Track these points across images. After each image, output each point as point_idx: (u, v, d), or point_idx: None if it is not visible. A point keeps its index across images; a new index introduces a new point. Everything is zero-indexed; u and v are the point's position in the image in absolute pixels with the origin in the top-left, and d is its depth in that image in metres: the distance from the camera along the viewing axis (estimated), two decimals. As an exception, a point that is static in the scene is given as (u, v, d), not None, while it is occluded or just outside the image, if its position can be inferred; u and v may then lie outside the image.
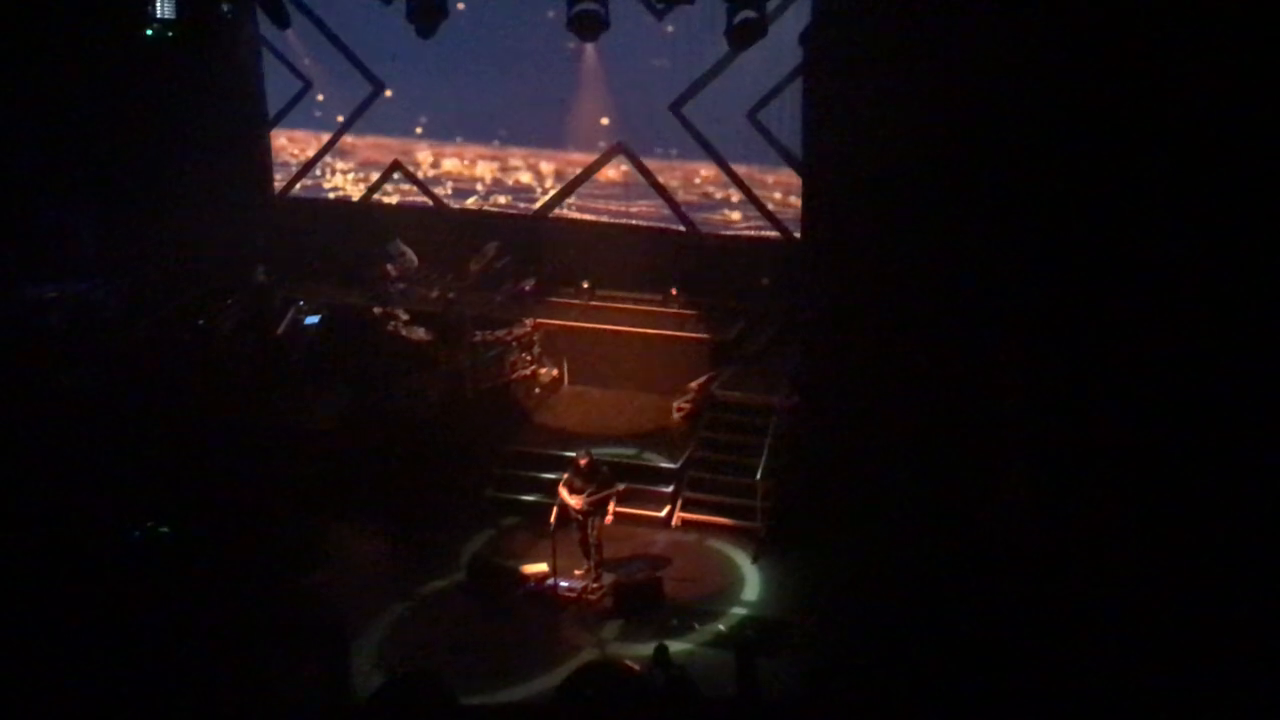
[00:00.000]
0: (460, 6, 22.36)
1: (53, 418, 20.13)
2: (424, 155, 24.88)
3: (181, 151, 23.55)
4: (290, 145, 25.54)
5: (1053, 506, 16.73)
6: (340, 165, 25.34)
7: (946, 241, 17.98)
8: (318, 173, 25.48)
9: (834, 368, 19.26)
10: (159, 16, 21.19)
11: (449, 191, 24.83)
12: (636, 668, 14.67)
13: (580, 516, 17.64)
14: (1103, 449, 16.42)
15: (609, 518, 17.73)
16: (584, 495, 17.51)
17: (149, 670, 14.96)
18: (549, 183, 24.31)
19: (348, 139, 25.10)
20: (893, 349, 18.38)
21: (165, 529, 18.07)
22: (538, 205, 24.37)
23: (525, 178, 24.46)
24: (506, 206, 24.58)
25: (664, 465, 20.08)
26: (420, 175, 24.88)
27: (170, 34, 21.47)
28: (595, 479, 17.62)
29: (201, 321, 22.47)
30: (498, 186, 24.59)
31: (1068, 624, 15.25)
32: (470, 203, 24.76)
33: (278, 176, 25.66)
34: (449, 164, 24.78)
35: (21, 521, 17.88)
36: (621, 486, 17.80)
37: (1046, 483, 16.95)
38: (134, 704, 14.13)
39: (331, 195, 25.50)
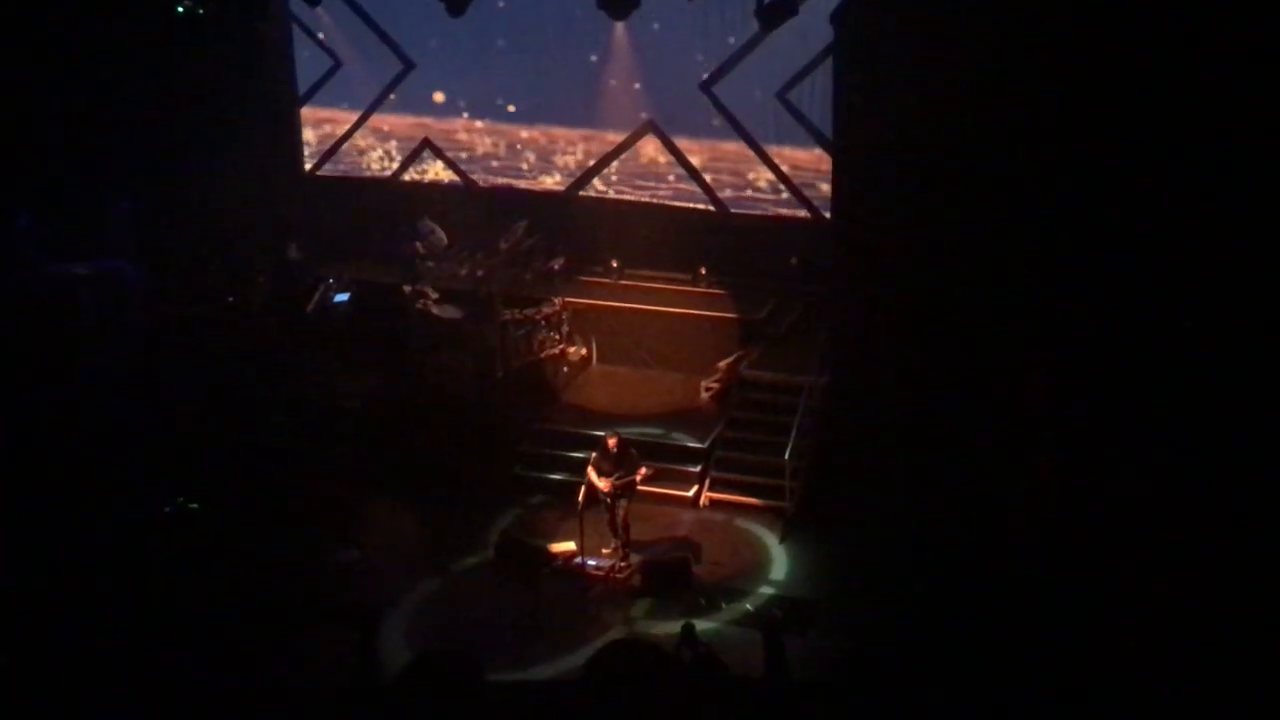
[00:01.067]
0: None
1: (83, 395, 20.23)
2: (456, 134, 24.83)
3: (212, 128, 23.58)
4: (328, 123, 25.53)
5: (1078, 487, 16.71)
6: (378, 142, 25.36)
7: (976, 223, 17.94)
8: (359, 150, 25.48)
9: (863, 348, 19.24)
10: (191, -6, 21.33)
11: (481, 169, 24.79)
12: (662, 644, 14.70)
13: (608, 498, 17.63)
14: (1128, 433, 16.39)
15: (641, 474, 17.67)
16: (612, 478, 17.49)
17: (177, 646, 15.05)
18: (578, 161, 24.27)
19: (386, 117, 25.07)
20: (921, 330, 18.35)
21: (195, 505, 18.19)
22: (567, 184, 24.34)
23: (554, 156, 24.41)
24: (536, 185, 24.55)
25: (692, 445, 20.04)
26: (452, 154, 24.85)
27: (201, 11, 21.56)
28: (624, 462, 17.60)
29: (232, 299, 22.54)
30: (528, 164, 24.57)
31: (1093, 606, 15.23)
32: (499, 181, 24.73)
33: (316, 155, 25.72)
34: (480, 142, 24.76)
35: (53, 498, 18.02)
36: (649, 470, 17.76)
37: (1072, 464, 16.93)
38: (163, 679, 14.20)
39: (370, 173, 25.49)
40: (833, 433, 19.24)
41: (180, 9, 21.58)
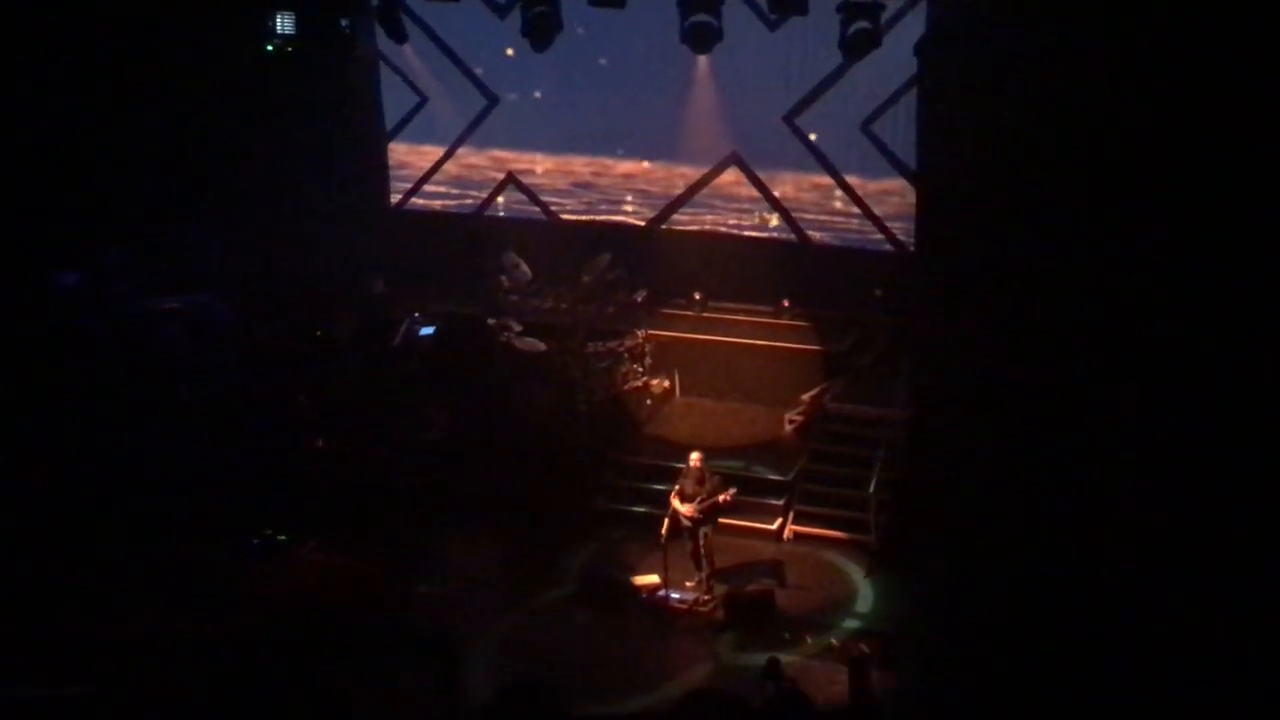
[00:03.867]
0: (580, 31, 22.54)
1: (173, 427, 20.48)
2: (541, 168, 24.97)
3: (300, 164, 23.84)
4: (418, 159, 25.75)
5: (1168, 527, 16.44)
6: (464, 176, 25.53)
7: (1062, 255, 17.75)
8: (445, 184, 25.66)
9: (948, 380, 19.08)
10: (280, 32, 21.61)
11: (565, 202, 24.88)
12: (747, 682, 14.58)
13: (691, 524, 17.56)
14: (1221, 461, 16.10)
15: (724, 497, 17.56)
16: (695, 502, 17.43)
17: (263, 677, 15.12)
18: (662, 194, 24.31)
19: (467, 152, 25.23)
20: (1007, 363, 18.16)
21: (283, 537, 18.35)
22: (650, 217, 24.38)
23: (639, 189, 24.48)
24: (619, 218, 24.62)
25: (775, 478, 19.97)
26: (536, 188, 24.97)
27: (290, 49, 21.85)
28: (707, 482, 17.54)
29: (319, 333, 22.74)
30: (611, 198, 24.65)
31: (1181, 646, 14.95)
32: (583, 215, 24.83)
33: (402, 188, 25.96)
34: (564, 176, 24.85)
35: (142, 529, 18.23)
36: (733, 490, 17.65)
37: (1161, 501, 16.66)
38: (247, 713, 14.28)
39: (454, 207, 25.66)
40: (917, 465, 19.08)
41: (270, 47, 21.89)
